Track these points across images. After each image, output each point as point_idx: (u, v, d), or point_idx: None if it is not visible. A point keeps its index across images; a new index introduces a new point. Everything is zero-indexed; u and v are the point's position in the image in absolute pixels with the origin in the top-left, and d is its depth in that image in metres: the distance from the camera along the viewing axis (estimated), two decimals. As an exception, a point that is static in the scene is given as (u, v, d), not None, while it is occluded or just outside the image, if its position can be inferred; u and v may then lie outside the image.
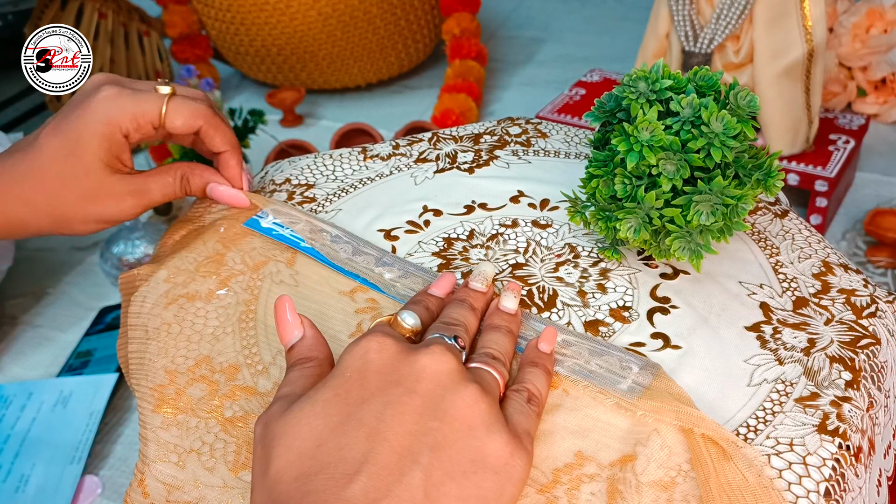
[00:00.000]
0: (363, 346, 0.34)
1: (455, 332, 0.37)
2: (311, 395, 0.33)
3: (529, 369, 0.37)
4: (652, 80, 0.41)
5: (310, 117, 1.26)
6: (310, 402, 0.33)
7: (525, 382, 0.36)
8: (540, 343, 0.39)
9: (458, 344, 0.36)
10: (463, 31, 1.20)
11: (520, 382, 0.36)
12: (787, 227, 0.49)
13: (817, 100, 0.90)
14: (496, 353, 0.37)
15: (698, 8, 0.87)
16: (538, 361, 0.38)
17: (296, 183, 0.53)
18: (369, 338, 0.34)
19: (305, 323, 0.37)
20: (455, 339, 0.36)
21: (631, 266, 0.45)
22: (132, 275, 0.47)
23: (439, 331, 0.37)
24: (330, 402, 0.32)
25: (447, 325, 0.38)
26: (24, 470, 0.65)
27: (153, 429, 0.38)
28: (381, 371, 0.33)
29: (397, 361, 0.34)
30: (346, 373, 0.33)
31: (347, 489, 0.29)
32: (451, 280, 0.41)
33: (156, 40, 1.27)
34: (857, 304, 0.43)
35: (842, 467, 0.34)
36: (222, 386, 0.39)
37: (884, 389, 0.40)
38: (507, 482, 0.32)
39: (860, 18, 1.08)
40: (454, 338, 0.36)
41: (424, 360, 0.33)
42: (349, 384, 0.33)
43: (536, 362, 0.37)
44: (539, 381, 0.37)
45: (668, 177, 0.40)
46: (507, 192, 0.51)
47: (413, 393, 0.32)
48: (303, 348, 0.37)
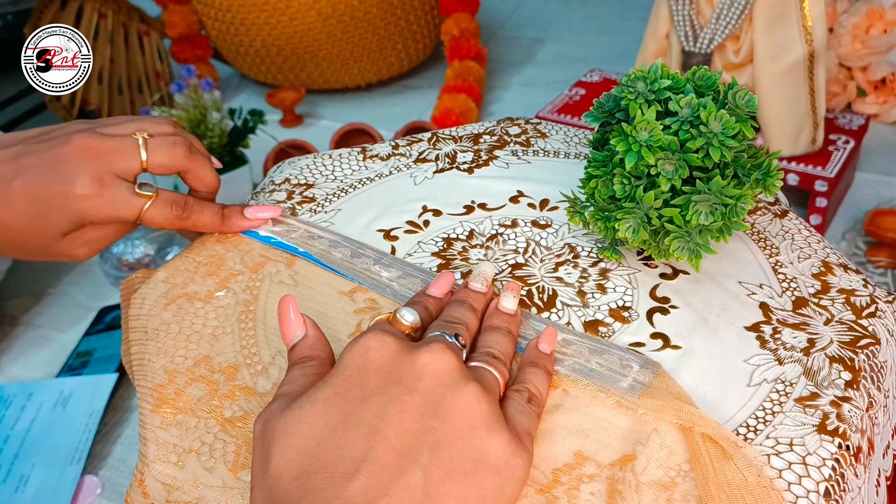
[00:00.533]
0: (363, 344, 0.34)
1: (456, 331, 0.37)
2: (312, 394, 0.33)
3: (530, 369, 0.37)
4: (650, 81, 0.41)
5: (309, 117, 1.26)
6: (310, 400, 0.33)
7: (525, 382, 0.36)
8: (540, 343, 0.38)
9: (459, 342, 0.36)
10: (462, 31, 1.20)
11: (520, 382, 0.36)
12: (786, 227, 0.49)
13: (822, 102, 0.90)
14: (497, 353, 0.37)
15: (698, 8, 0.87)
16: (538, 362, 0.38)
17: (295, 183, 0.53)
18: (369, 336, 0.34)
19: (308, 322, 0.37)
20: (456, 337, 0.36)
21: (630, 266, 0.45)
22: (132, 279, 0.47)
23: (440, 329, 0.37)
24: (330, 401, 0.32)
25: (448, 323, 0.38)
26: (24, 470, 0.65)
27: (153, 429, 0.38)
28: (382, 369, 0.33)
29: (398, 359, 0.34)
30: (347, 371, 0.33)
31: (347, 488, 0.29)
32: (449, 280, 0.41)
33: (155, 40, 1.27)
34: (857, 304, 0.43)
35: (841, 467, 0.34)
36: (222, 386, 0.39)
37: (883, 389, 0.40)
38: (508, 482, 0.32)
39: (860, 19, 1.08)
40: (455, 336, 0.36)
41: (425, 358, 0.33)
42: (349, 382, 0.33)
43: (537, 362, 0.37)
44: (539, 381, 0.36)
45: (666, 177, 0.40)
46: (507, 192, 0.51)
47: (413, 391, 0.32)
48: (304, 347, 0.36)
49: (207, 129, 0.94)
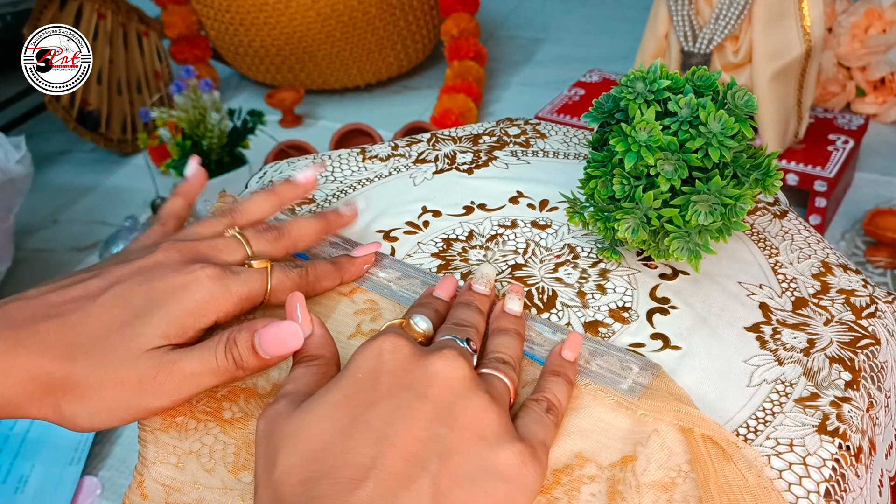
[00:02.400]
0: (377, 347, 0.34)
1: (467, 335, 0.36)
2: (321, 396, 0.32)
3: (551, 378, 0.36)
4: (650, 81, 0.41)
5: (309, 118, 1.26)
6: (318, 402, 0.32)
7: (545, 391, 0.35)
8: (564, 350, 0.38)
9: (471, 347, 0.36)
10: (462, 31, 1.20)
11: (539, 391, 0.36)
12: (786, 228, 0.49)
13: (809, 97, 0.90)
14: (506, 357, 0.36)
15: (697, 8, 0.87)
16: (560, 370, 0.37)
17: (295, 184, 0.53)
18: (383, 338, 0.34)
19: (315, 321, 0.37)
20: (467, 342, 0.36)
21: (630, 266, 0.45)
22: None
23: (451, 332, 0.36)
24: (339, 404, 0.32)
25: (458, 326, 0.37)
26: (24, 470, 0.65)
27: (152, 430, 0.38)
28: (394, 373, 0.33)
29: (410, 364, 0.33)
30: (358, 373, 0.33)
31: (354, 495, 0.29)
32: (453, 283, 0.41)
33: (155, 41, 1.27)
34: (857, 305, 0.43)
35: (842, 468, 0.34)
36: (221, 387, 0.39)
37: (884, 389, 0.40)
38: (518, 492, 0.31)
39: (859, 18, 1.08)
40: (466, 340, 0.36)
41: (437, 365, 0.33)
42: (360, 385, 0.32)
43: (558, 371, 0.37)
44: (560, 390, 0.36)
45: (666, 177, 0.40)
46: (506, 192, 0.51)
47: (424, 398, 0.32)
48: (310, 346, 0.36)
49: (207, 129, 0.94)
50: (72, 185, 1.17)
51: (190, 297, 0.37)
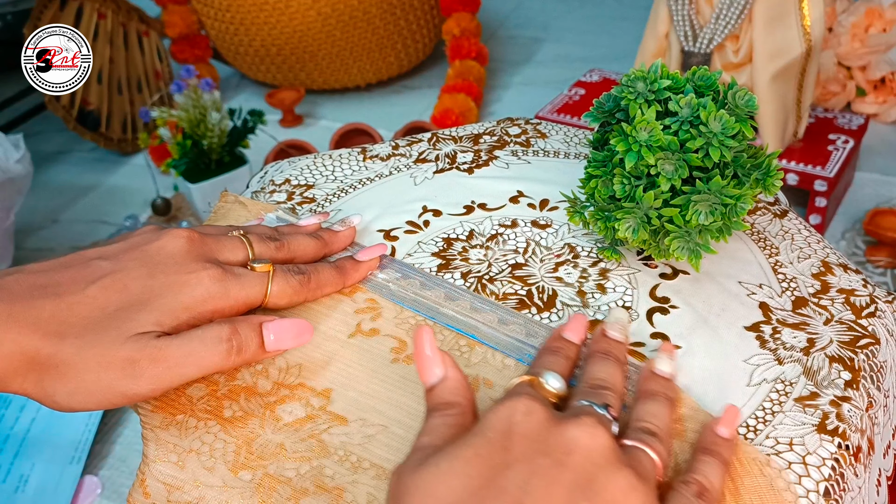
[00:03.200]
0: (509, 407, 0.31)
1: (605, 400, 0.33)
2: (450, 451, 0.30)
3: (703, 458, 0.33)
4: (650, 81, 0.41)
5: (309, 117, 1.26)
6: (447, 458, 0.30)
7: (696, 473, 0.32)
8: (719, 427, 0.34)
9: (610, 413, 0.32)
10: (463, 30, 1.20)
11: (690, 473, 0.32)
12: (786, 227, 0.49)
13: (808, 96, 0.90)
14: (654, 428, 0.33)
15: (697, 8, 0.87)
16: (714, 449, 0.33)
17: (295, 183, 0.53)
18: (516, 400, 0.31)
19: (447, 362, 0.34)
20: (606, 408, 0.33)
21: (630, 266, 0.45)
22: None
23: (587, 397, 0.33)
24: (471, 462, 0.29)
25: (595, 390, 0.34)
26: (24, 470, 0.66)
27: (153, 428, 0.38)
28: (528, 436, 0.30)
29: (545, 429, 0.30)
30: (489, 433, 0.30)
31: None
32: (584, 322, 0.38)
33: (155, 40, 1.27)
34: (857, 304, 0.43)
35: (841, 467, 0.34)
36: (222, 386, 0.39)
37: (883, 389, 0.40)
38: None
39: (859, 18, 1.08)
40: (605, 406, 0.33)
41: (575, 432, 0.30)
42: (492, 446, 0.30)
43: (712, 450, 0.33)
44: (713, 473, 0.32)
45: (666, 177, 0.40)
46: (507, 192, 0.51)
47: (562, 465, 0.29)
48: (445, 392, 0.33)
49: (207, 129, 0.94)
50: (72, 184, 1.17)
51: (188, 293, 0.38)
